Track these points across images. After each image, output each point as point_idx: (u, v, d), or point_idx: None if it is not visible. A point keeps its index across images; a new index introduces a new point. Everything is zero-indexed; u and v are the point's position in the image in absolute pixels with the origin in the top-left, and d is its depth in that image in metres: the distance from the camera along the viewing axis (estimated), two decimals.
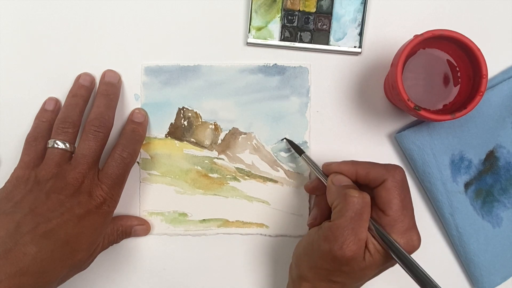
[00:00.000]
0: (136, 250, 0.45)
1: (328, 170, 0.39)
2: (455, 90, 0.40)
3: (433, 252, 0.45)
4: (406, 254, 0.34)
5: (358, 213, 0.34)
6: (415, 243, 0.35)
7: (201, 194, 0.45)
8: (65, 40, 0.44)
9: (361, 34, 0.44)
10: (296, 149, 0.43)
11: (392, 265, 0.36)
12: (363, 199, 0.34)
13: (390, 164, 0.37)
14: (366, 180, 0.37)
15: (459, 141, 0.43)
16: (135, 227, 0.43)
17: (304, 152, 0.43)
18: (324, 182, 0.39)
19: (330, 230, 0.34)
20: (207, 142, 0.45)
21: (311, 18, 0.44)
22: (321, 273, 0.35)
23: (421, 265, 0.33)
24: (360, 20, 0.44)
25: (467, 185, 0.44)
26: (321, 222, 0.37)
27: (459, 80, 0.40)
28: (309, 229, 0.42)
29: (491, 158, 0.44)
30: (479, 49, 0.37)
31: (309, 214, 0.44)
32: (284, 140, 0.44)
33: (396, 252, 0.34)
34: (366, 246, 0.34)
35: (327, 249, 0.34)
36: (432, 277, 0.32)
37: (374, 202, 0.36)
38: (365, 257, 0.34)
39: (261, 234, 0.45)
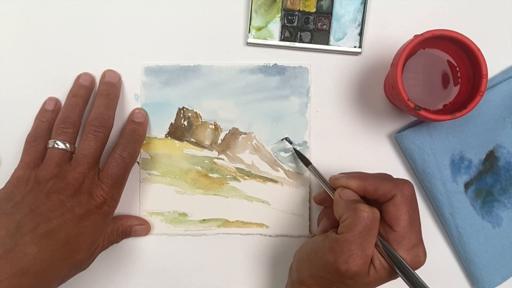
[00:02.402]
0: (136, 250, 0.45)
1: (335, 184, 0.38)
2: (455, 90, 0.40)
3: (433, 252, 0.45)
4: (413, 271, 0.33)
5: (368, 228, 0.33)
6: (421, 260, 0.34)
7: (201, 194, 0.45)
8: (65, 40, 0.44)
9: (361, 34, 0.44)
10: (303, 160, 0.43)
11: (395, 278, 0.35)
12: (373, 214, 0.34)
13: (399, 179, 0.36)
14: (375, 196, 0.36)
15: (459, 141, 0.43)
16: (135, 227, 0.43)
17: (311, 163, 0.42)
18: (331, 195, 0.38)
19: (337, 243, 0.34)
20: (207, 142, 0.45)
21: (311, 18, 0.44)
22: (321, 282, 0.35)
23: (426, 283, 0.33)
24: (360, 20, 0.44)
25: (467, 185, 0.44)
26: None
27: (459, 80, 0.40)
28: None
29: (491, 158, 0.44)
30: (479, 49, 0.36)
31: (309, 214, 0.44)
32: (286, 142, 0.44)
33: (402, 269, 0.33)
34: (371, 262, 0.34)
35: (331, 261, 0.33)
36: None
37: (381, 217, 0.35)
38: (370, 273, 0.34)
39: (261, 234, 0.45)
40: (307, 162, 0.42)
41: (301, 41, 0.44)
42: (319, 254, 0.35)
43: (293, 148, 0.44)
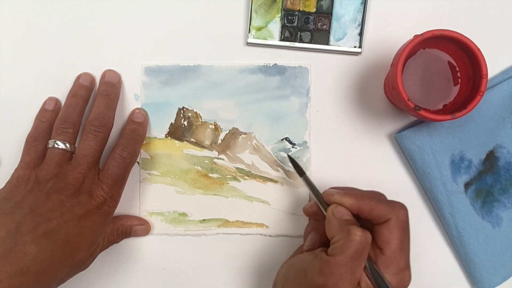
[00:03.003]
0: (136, 250, 0.45)
1: (329, 200, 0.37)
2: (455, 90, 0.40)
3: (433, 252, 0.45)
4: None
5: (359, 252, 0.33)
6: (406, 284, 0.35)
7: (201, 194, 0.45)
8: (65, 40, 0.44)
9: (361, 34, 0.44)
10: (297, 169, 0.41)
11: None
12: (366, 238, 0.34)
13: (395, 203, 0.36)
14: (369, 217, 0.35)
15: (459, 141, 0.43)
16: (135, 227, 0.43)
17: (305, 173, 0.41)
18: (323, 211, 0.37)
19: (328, 265, 0.33)
20: (207, 142, 0.45)
21: (311, 18, 0.44)
22: None
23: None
24: (360, 20, 0.44)
25: (467, 185, 0.44)
26: (319, 247, 0.37)
27: (459, 80, 0.40)
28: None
29: (491, 158, 0.44)
30: (479, 49, 0.36)
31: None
32: (286, 142, 0.44)
33: None
34: (358, 284, 0.34)
35: (321, 283, 0.33)
36: None
37: (372, 238, 0.35)
38: None
39: (261, 234, 0.45)
40: (301, 172, 0.41)
41: (301, 41, 0.44)
42: (308, 275, 0.34)
43: (288, 155, 0.43)
